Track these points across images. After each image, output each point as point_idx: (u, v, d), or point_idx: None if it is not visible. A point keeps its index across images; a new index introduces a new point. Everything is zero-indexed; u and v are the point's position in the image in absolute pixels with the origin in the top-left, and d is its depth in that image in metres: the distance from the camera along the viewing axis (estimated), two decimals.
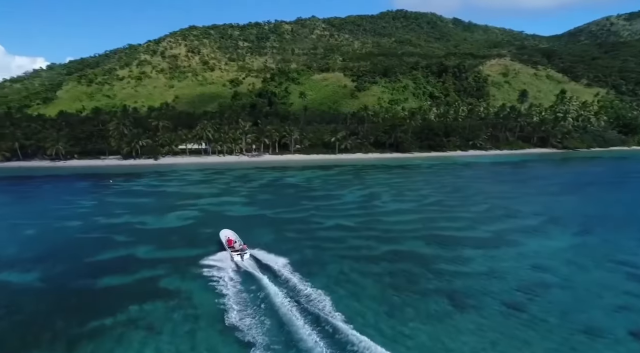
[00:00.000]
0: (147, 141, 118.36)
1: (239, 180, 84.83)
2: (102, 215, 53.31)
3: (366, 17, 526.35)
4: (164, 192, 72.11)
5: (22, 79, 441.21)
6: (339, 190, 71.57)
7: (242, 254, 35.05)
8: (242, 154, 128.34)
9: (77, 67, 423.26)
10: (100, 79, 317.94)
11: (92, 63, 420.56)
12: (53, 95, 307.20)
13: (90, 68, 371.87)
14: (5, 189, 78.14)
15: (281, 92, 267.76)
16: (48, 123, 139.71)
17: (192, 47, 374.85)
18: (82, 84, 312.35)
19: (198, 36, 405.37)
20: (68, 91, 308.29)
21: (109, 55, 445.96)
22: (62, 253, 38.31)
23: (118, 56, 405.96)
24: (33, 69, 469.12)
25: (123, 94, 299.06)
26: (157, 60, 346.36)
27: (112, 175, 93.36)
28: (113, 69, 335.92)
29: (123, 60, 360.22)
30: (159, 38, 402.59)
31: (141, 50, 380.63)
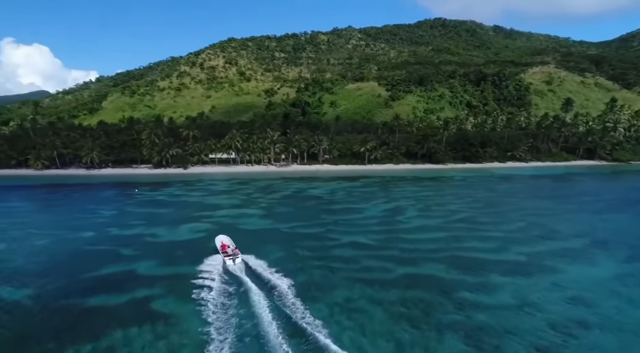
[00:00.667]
0: (177, 150, 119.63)
1: (262, 191, 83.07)
2: (116, 226, 52.63)
3: (403, 26, 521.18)
4: (185, 202, 71.29)
5: (74, 91, 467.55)
6: (362, 204, 68.08)
7: (234, 258, 37.07)
8: (271, 164, 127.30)
9: (122, 79, 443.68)
10: (142, 90, 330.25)
11: (137, 75, 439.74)
12: (98, 106, 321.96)
13: (135, 80, 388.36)
14: (36, 197, 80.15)
15: (315, 101, 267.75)
16: (88, 132, 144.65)
17: (230, 58, 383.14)
18: (126, 95, 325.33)
19: (236, 48, 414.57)
20: (112, 102, 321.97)
21: (153, 67, 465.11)
22: (62, 267, 37.28)
23: (160, 68, 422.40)
24: (84, 82, 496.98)
25: (163, 104, 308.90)
26: (196, 71, 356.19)
27: (139, 184, 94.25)
28: (154, 81, 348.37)
29: (164, 72, 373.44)
30: (199, 50, 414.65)
31: (182, 62, 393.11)
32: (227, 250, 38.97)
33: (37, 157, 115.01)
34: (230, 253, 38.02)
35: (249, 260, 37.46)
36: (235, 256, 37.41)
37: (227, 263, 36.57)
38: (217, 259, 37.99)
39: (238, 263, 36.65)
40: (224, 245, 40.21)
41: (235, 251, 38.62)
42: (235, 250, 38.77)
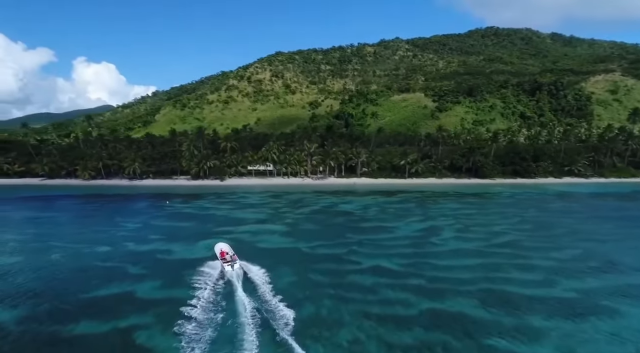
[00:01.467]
0: (214, 162, 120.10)
1: (292, 205, 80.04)
2: (134, 240, 51.31)
3: (453, 36, 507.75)
4: (211, 216, 69.61)
5: (132, 105, 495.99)
6: (394, 222, 62.98)
7: (232, 264, 37.88)
8: (307, 177, 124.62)
9: (176, 93, 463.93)
10: (192, 103, 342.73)
11: (190, 89, 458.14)
12: (152, 119, 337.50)
13: (187, 94, 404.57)
14: (73, 207, 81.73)
15: (358, 113, 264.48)
16: (134, 144, 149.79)
17: (277, 71, 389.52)
18: (177, 108, 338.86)
19: (283, 61, 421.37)
20: (164, 115, 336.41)
21: (204, 81, 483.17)
22: (61, 286, 35.68)
23: (211, 82, 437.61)
24: (141, 96, 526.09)
25: (211, 116, 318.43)
26: (244, 84, 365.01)
27: (175, 195, 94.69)
28: (204, 94, 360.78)
29: (214, 86, 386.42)
30: (248, 64, 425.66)
31: (231, 76, 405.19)
32: (225, 256, 39.86)
33: (84, 167, 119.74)
34: (229, 260, 39.02)
35: (253, 275, 36.71)
36: (234, 262, 38.38)
37: (226, 269, 37.36)
38: (216, 265, 38.89)
39: (237, 269, 37.53)
40: (222, 252, 41.13)
41: (233, 257, 39.73)
42: (233, 257, 39.85)
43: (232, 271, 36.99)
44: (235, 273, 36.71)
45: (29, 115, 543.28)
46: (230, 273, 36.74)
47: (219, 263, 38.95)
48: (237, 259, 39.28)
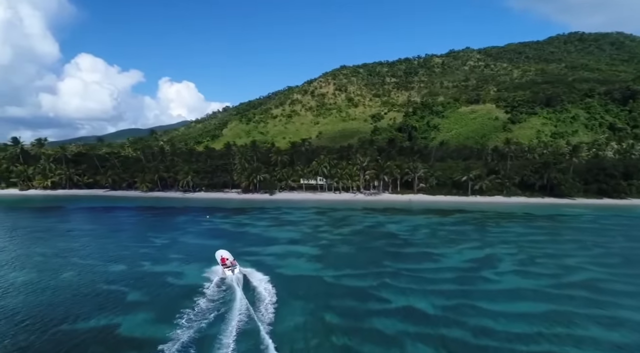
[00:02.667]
0: (264, 176, 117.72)
1: (333, 224, 73.76)
2: (153, 259, 48.22)
3: (530, 44, 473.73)
4: (244, 233, 65.53)
5: (204, 120, 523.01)
6: (444, 248, 54.23)
7: (233, 269, 40.64)
8: (360, 192, 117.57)
9: (244, 109, 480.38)
10: (257, 117, 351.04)
11: (257, 104, 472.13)
12: (219, 133, 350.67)
13: (254, 108, 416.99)
14: (114, 220, 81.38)
15: (422, 125, 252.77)
16: (194, 156, 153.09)
17: (340, 85, 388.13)
18: (243, 122, 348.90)
19: (347, 75, 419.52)
20: (231, 129, 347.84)
21: (271, 96, 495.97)
22: (54, 311, 32.88)
23: (277, 97, 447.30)
24: (212, 112, 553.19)
25: (274, 130, 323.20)
26: (307, 99, 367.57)
27: (219, 209, 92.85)
28: (269, 109, 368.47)
29: (278, 100, 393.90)
30: (312, 79, 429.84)
31: (295, 91, 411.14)
32: (226, 262, 42.23)
33: (142, 180, 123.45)
34: (229, 265, 41.47)
35: (253, 279, 39.52)
36: (234, 267, 41.10)
37: (227, 274, 40.10)
38: (218, 271, 41.64)
39: (237, 274, 40.11)
40: (223, 258, 43.41)
41: (233, 262, 42.14)
42: (233, 262, 42.34)
43: (233, 275, 39.66)
44: (235, 278, 39.25)
45: (121, 130, 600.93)
46: (231, 277, 39.41)
47: (220, 269, 41.64)
48: (237, 264, 42.01)
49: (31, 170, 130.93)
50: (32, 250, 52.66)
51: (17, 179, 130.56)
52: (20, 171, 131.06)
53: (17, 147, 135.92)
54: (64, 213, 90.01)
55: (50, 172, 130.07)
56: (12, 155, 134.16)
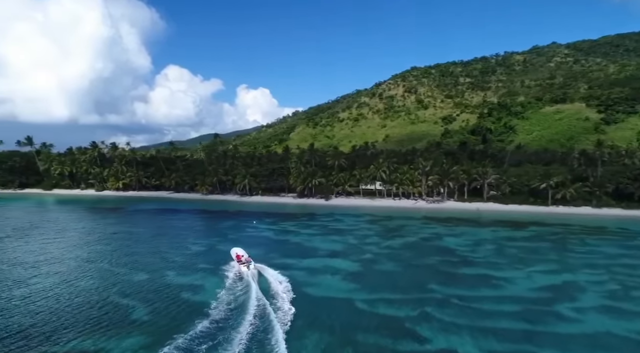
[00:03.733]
0: (320, 180, 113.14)
1: (383, 234, 66.79)
2: (179, 269, 45.53)
3: (631, 35, 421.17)
4: (284, 242, 61.16)
5: (274, 125, 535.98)
6: (510, 270, 45.16)
7: (248, 265, 41.99)
8: (421, 199, 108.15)
9: (313, 113, 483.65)
10: (324, 121, 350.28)
11: (325, 108, 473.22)
12: (287, 137, 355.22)
13: (322, 112, 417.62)
14: (165, 223, 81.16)
15: (499, 127, 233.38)
16: (255, 160, 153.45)
17: (410, 87, 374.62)
18: (309, 126, 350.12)
19: (417, 76, 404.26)
20: (298, 133, 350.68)
21: (340, 100, 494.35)
22: (49, 328, 30.52)
23: (346, 101, 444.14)
24: (282, 116, 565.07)
25: (341, 134, 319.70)
26: (375, 101, 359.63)
27: (270, 214, 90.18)
28: (336, 112, 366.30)
29: (346, 104, 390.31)
30: (381, 81, 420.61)
31: (363, 94, 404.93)
32: (241, 259, 44.01)
33: (202, 183, 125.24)
34: (244, 261, 43.18)
35: (268, 274, 41.56)
36: (249, 263, 42.67)
37: (242, 270, 41.86)
38: (233, 267, 44.01)
39: (252, 269, 41.65)
40: (238, 255, 45.39)
41: (247, 259, 43.77)
42: (248, 259, 43.98)
43: (248, 271, 41.26)
44: (250, 273, 40.81)
45: (202, 135, 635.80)
46: (246, 272, 41.03)
47: (235, 265, 43.77)
48: (251, 261, 43.47)
49: (106, 172, 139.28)
50: (66, 254, 52.70)
51: (94, 181, 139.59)
52: (97, 173, 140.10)
53: (95, 151, 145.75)
54: (120, 215, 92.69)
55: (122, 174, 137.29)
56: (91, 158, 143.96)
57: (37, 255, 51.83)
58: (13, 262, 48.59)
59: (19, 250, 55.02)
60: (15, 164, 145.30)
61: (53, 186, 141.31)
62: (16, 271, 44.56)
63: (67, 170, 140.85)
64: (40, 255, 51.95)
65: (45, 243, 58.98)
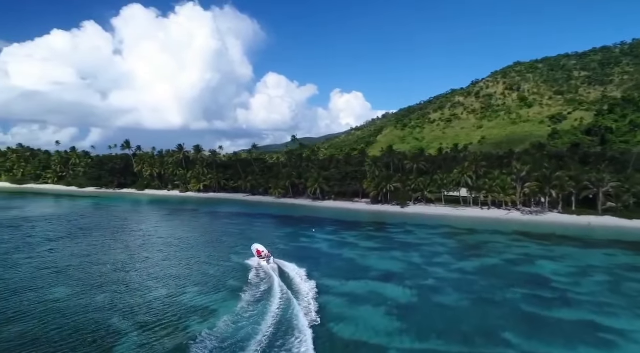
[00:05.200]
0: (396, 185, 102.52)
1: (458, 253, 55.10)
2: (206, 286, 39.94)
3: None
4: (335, 257, 53.00)
5: (363, 127, 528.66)
6: (630, 316, 31.76)
7: (268, 260, 45.05)
8: (516, 209, 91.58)
9: (404, 115, 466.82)
10: (413, 123, 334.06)
11: (416, 109, 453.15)
12: (374, 140, 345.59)
13: (412, 114, 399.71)
14: (222, 227, 77.42)
15: (623, 127, 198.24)
16: (332, 163, 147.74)
17: (512, 83, 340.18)
18: (398, 128, 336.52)
19: (521, 71, 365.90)
20: (386, 135, 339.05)
21: (432, 101, 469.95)
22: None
23: (439, 101, 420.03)
24: (372, 119, 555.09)
25: (431, 136, 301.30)
26: (470, 101, 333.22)
27: (336, 222, 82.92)
28: (427, 113, 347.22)
29: (438, 104, 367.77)
30: (478, 79, 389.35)
31: (458, 93, 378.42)
32: (262, 254, 45.90)
33: (275, 186, 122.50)
34: (264, 256, 45.26)
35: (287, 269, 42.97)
36: (269, 258, 45.01)
37: (262, 264, 44.08)
38: (254, 262, 45.82)
39: (272, 264, 44.00)
40: (258, 251, 47.11)
41: (267, 254, 45.77)
42: (267, 254, 45.90)
43: (268, 265, 43.57)
44: (270, 267, 42.89)
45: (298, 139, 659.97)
46: (266, 267, 43.13)
47: (256, 260, 45.91)
48: (271, 256, 45.68)
49: (189, 174, 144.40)
50: (103, 258, 50.27)
51: (179, 182, 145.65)
52: (182, 175, 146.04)
53: (180, 154, 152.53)
54: (187, 217, 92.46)
55: (203, 176, 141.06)
56: (177, 160, 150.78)
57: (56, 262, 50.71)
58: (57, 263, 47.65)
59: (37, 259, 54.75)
60: (116, 165, 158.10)
61: (145, 186, 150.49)
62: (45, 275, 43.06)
63: (156, 172, 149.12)
64: (77, 258, 50.73)
65: (90, 246, 58.41)
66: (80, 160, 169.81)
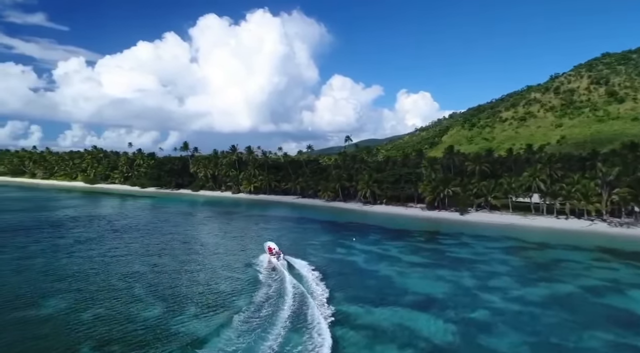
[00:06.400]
0: (455, 189, 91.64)
1: (523, 275, 44.78)
2: (202, 308, 34.86)
3: None
4: (370, 274, 45.29)
5: (428, 128, 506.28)
6: None
7: (278, 257, 46.14)
8: (601, 219, 76.87)
9: (472, 114, 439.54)
10: (483, 122, 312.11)
11: (486, 108, 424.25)
12: (438, 140, 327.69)
13: (482, 113, 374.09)
14: (259, 232, 73.37)
15: None
16: (388, 165, 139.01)
17: (598, 77, 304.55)
18: (465, 128, 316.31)
19: (610, 64, 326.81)
20: (451, 136, 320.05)
21: (504, 99, 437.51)
22: None
23: (512, 98, 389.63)
24: (437, 119, 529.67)
25: (502, 136, 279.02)
26: (548, 97, 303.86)
27: (381, 229, 74.96)
28: (497, 112, 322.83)
29: (511, 102, 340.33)
30: (558, 74, 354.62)
31: (534, 89, 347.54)
32: (272, 251, 47.83)
33: (325, 188, 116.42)
34: (275, 254, 47.12)
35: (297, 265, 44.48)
36: (279, 255, 46.63)
37: (273, 260, 46.05)
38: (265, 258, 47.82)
39: (281, 260, 45.33)
40: (270, 248, 48.94)
41: (278, 252, 47.43)
42: (278, 251, 47.50)
43: (278, 262, 45.16)
44: (280, 264, 44.51)
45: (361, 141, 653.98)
46: (276, 263, 44.94)
47: (267, 256, 47.55)
48: (282, 253, 47.03)
49: (241, 175, 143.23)
50: (119, 269, 47.21)
51: (232, 183, 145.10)
52: (234, 176, 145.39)
53: (234, 155, 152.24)
54: (226, 219, 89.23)
55: (254, 177, 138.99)
56: (230, 161, 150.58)
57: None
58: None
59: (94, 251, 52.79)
60: (174, 166, 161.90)
61: (200, 187, 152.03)
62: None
63: (210, 173, 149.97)
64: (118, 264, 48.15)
65: (110, 249, 56.03)
66: (144, 161, 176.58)
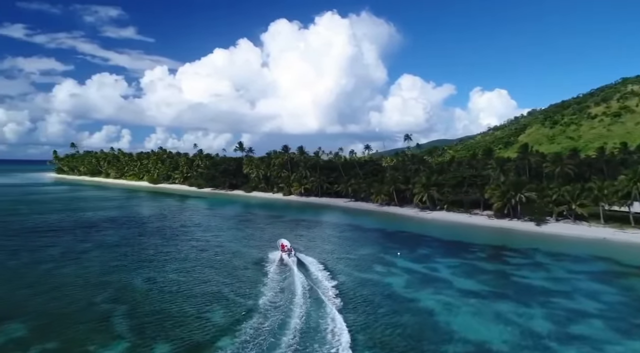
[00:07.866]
0: (530, 194, 76.87)
1: (622, 318, 32.17)
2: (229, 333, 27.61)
3: None
4: (406, 306, 35.07)
5: (504, 127, 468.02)
6: None
7: (290, 254, 47.78)
8: None
9: (555, 111, 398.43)
10: (567, 119, 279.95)
11: (572, 103, 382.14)
12: (514, 139, 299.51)
13: (566, 109, 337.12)
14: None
15: None
16: (452, 166, 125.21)
17: None
18: (545, 126, 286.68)
19: None
20: (529, 134, 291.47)
21: (594, 93, 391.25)
22: None
23: (604, 93, 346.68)
24: (514, 117, 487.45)
25: (590, 134, 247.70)
26: None
27: (435, 241, 63.77)
28: (585, 107, 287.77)
29: (601, 96, 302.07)
30: None
31: (630, 81, 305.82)
32: (284, 248, 49.38)
33: (378, 191, 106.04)
34: (287, 251, 48.56)
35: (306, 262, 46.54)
36: (291, 252, 48.20)
37: (284, 257, 47.64)
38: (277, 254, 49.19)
39: (292, 257, 47.00)
40: (283, 245, 50.41)
41: (290, 249, 48.98)
42: (290, 248, 49.09)
43: (289, 258, 46.84)
44: (291, 260, 46.35)
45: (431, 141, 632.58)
46: (287, 259, 46.79)
47: (279, 253, 49.62)
48: (293, 250, 48.96)
49: (293, 177, 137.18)
50: (119, 277, 41.78)
51: (283, 184, 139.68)
52: (285, 177, 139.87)
53: (286, 155, 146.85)
54: (265, 225, 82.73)
55: (305, 179, 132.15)
56: (282, 162, 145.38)
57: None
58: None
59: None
60: (228, 166, 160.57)
61: (253, 188, 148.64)
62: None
63: (262, 174, 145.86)
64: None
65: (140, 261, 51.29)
66: (202, 161, 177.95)
